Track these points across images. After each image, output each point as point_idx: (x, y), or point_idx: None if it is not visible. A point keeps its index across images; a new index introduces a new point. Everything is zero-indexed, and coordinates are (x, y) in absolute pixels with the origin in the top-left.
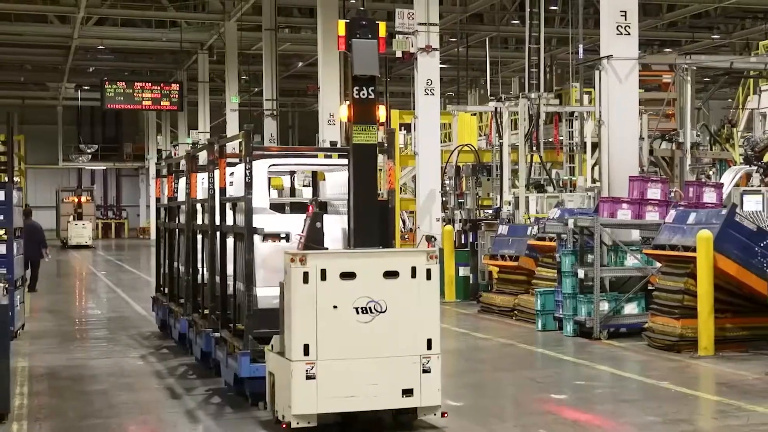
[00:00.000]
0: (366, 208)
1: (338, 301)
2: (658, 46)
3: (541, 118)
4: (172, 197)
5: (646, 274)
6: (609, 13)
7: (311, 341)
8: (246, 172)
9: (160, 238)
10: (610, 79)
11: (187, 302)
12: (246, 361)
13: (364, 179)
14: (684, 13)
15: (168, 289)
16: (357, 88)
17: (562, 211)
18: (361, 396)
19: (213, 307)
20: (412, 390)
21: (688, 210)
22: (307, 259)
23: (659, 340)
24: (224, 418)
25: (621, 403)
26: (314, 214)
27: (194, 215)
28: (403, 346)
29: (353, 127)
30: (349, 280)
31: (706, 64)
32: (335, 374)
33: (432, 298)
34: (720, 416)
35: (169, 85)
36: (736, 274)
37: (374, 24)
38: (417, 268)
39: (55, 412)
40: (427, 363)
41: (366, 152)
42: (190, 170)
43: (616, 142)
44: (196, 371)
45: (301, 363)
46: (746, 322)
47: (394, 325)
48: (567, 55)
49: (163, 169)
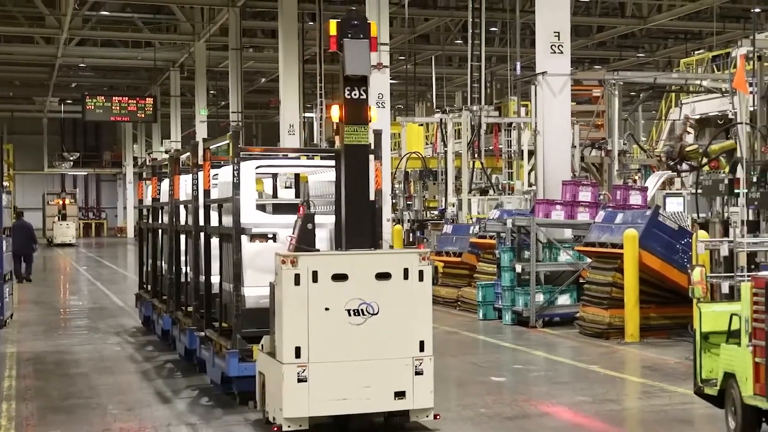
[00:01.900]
0: (358, 210)
1: (330, 303)
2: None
3: (482, 128)
4: (156, 198)
5: (578, 268)
6: (544, 33)
7: (303, 343)
8: (234, 173)
9: (144, 237)
10: (544, 93)
11: (170, 300)
12: (234, 360)
13: (356, 180)
14: (612, 33)
15: (151, 286)
16: (348, 89)
17: (502, 212)
18: (353, 399)
19: (197, 305)
20: (405, 392)
21: (615, 211)
22: (298, 260)
23: (590, 328)
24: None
25: (555, 385)
26: (305, 215)
27: (177, 216)
28: (395, 348)
29: (345, 127)
30: (341, 281)
31: (632, 79)
32: (327, 377)
33: (424, 299)
34: (644, 396)
35: (144, 99)
36: (659, 268)
37: (366, 23)
38: (409, 269)
39: (40, 393)
40: (420, 365)
41: (358, 153)
42: (174, 172)
43: (551, 149)
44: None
45: (293, 365)
46: (668, 312)
47: (386, 327)
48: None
49: (147, 172)
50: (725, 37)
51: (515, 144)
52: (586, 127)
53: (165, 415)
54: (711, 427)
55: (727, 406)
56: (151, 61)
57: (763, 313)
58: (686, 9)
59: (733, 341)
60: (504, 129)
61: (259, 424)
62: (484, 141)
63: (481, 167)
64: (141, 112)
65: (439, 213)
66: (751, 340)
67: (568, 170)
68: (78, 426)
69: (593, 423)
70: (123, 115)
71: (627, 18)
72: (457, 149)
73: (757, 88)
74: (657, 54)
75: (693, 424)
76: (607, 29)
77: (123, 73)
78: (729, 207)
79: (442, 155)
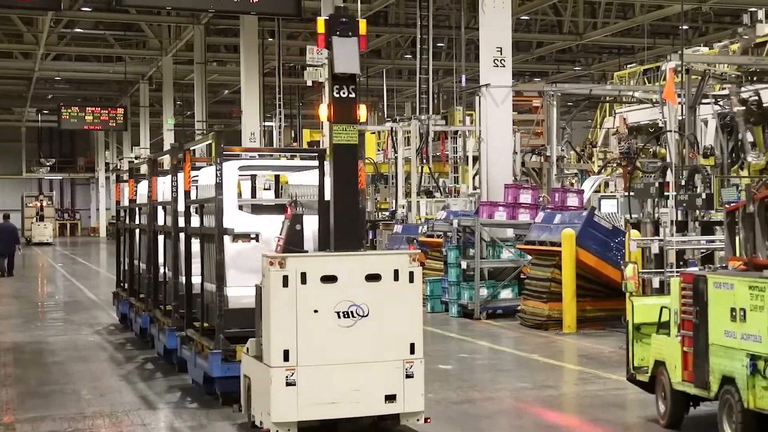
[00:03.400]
0: (347, 210)
1: (319, 305)
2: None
3: (430, 135)
4: (133, 200)
5: (519, 265)
6: (487, 48)
7: (291, 347)
8: (217, 173)
9: (121, 237)
10: (488, 104)
11: (148, 298)
12: (217, 360)
13: (345, 180)
14: (550, 48)
15: (128, 284)
16: (337, 87)
17: (448, 213)
18: (342, 402)
19: (177, 305)
20: (395, 396)
21: (554, 212)
22: (286, 262)
23: (530, 320)
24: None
25: (498, 372)
26: (293, 215)
27: (156, 217)
28: (385, 350)
29: (333, 127)
30: (331, 283)
31: (569, 91)
32: (316, 380)
33: (415, 301)
34: (581, 382)
35: (115, 110)
36: (594, 265)
37: (354, 21)
38: (400, 270)
39: (19, 380)
40: (410, 368)
41: (347, 152)
42: (152, 174)
43: (494, 155)
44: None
45: (281, 369)
46: (603, 305)
47: (376, 329)
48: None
49: (124, 174)
50: (655, 52)
51: (461, 150)
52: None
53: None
54: (642, 410)
55: (657, 392)
56: (121, 75)
57: (691, 306)
58: (619, 26)
59: (663, 332)
60: (450, 136)
61: (245, 428)
62: (432, 147)
63: (429, 171)
64: (112, 122)
65: (390, 214)
66: (679, 331)
67: (509, 174)
68: (54, 410)
69: (533, 407)
70: (96, 124)
71: (564, 34)
72: (406, 155)
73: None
74: (592, 67)
75: (625, 408)
76: (546, 45)
77: (96, 85)
78: (659, 208)
79: (392, 161)
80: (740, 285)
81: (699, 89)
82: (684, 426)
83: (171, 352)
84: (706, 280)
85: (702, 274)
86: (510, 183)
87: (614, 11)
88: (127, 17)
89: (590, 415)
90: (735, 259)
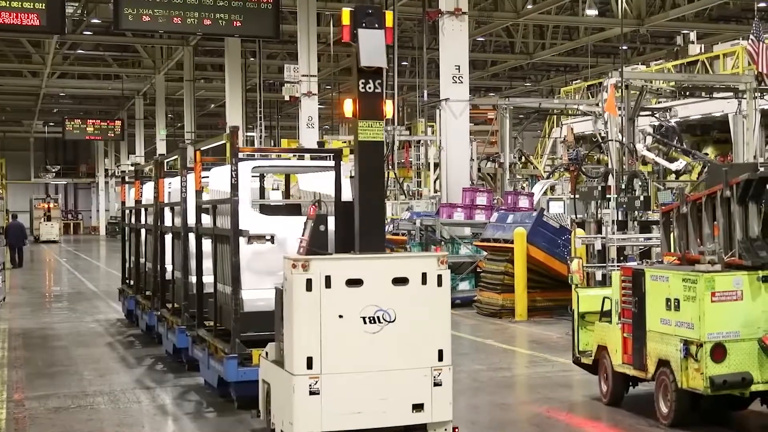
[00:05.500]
0: (372, 210)
1: (344, 309)
2: (485, 91)
3: (395, 144)
4: (138, 201)
5: (476, 260)
6: (446, 66)
7: (315, 353)
8: (232, 174)
9: (126, 236)
10: (447, 116)
11: (154, 296)
12: (233, 365)
13: (371, 179)
14: (504, 67)
15: (134, 282)
16: (363, 81)
17: (412, 213)
18: (368, 412)
19: (187, 305)
20: (423, 405)
21: (507, 212)
22: (310, 264)
23: (485, 309)
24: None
25: (457, 356)
26: (318, 216)
27: (163, 217)
28: (413, 357)
29: (358, 123)
30: (356, 287)
31: (520, 104)
32: (341, 389)
33: (443, 305)
34: (531, 365)
35: (113, 122)
36: (544, 260)
37: (381, 12)
38: (428, 273)
39: (28, 362)
40: (439, 375)
41: (373, 150)
42: (159, 176)
43: (453, 162)
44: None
45: (304, 377)
46: (552, 296)
47: (403, 335)
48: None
49: (130, 177)
50: (598, 69)
51: (423, 157)
52: (482, 143)
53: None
54: (586, 390)
55: (600, 373)
56: (119, 91)
57: (630, 296)
58: (566, 46)
59: (605, 320)
60: (414, 145)
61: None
62: (397, 155)
63: (395, 176)
64: (111, 133)
65: None
66: (620, 319)
67: (467, 179)
68: (59, 389)
69: (489, 386)
70: (96, 135)
71: (516, 54)
72: None
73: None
74: (541, 83)
75: (572, 387)
76: (500, 63)
77: (96, 100)
78: (602, 209)
79: None
80: (674, 278)
81: (637, 103)
82: (624, 404)
83: (179, 350)
84: (644, 274)
85: (640, 268)
86: (467, 187)
87: (561, 33)
88: (124, 40)
89: (540, 394)
90: (670, 254)
